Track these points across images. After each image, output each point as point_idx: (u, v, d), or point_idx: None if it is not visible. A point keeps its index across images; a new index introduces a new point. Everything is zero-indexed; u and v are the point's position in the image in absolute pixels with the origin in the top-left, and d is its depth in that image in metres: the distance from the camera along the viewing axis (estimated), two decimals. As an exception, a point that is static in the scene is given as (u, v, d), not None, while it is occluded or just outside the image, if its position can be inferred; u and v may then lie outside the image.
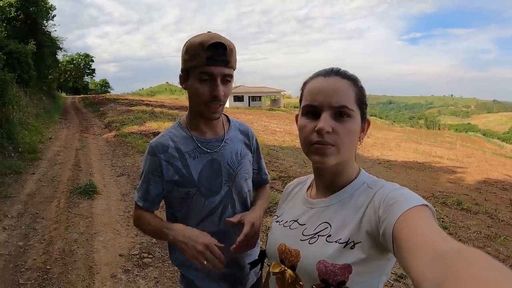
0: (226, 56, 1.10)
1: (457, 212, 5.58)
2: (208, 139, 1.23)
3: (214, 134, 1.25)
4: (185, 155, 1.20)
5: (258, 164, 1.41)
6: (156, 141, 1.22)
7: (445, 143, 17.88)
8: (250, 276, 1.33)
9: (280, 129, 16.47)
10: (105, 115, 16.37)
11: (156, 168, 1.19)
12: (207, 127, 1.24)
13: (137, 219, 1.28)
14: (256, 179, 1.40)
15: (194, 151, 1.21)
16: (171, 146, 1.20)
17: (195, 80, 1.12)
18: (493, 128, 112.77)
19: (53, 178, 6.21)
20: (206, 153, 1.21)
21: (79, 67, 59.32)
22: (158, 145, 1.20)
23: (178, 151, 1.20)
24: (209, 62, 1.08)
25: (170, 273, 3.22)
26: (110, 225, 4.24)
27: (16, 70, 14.83)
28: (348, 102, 0.78)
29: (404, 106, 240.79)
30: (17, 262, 3.32)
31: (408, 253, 0.55)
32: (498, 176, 9.15)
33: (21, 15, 23.18)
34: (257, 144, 1.40)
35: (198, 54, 1.09)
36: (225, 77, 1.13)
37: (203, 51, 1.08)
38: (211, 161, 1.21)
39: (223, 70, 1.11)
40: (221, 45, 1.08)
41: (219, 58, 1.09)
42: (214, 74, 1.10)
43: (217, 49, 1.08)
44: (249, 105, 42.02)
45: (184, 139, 1.22)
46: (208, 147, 1.22)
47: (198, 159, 1.20)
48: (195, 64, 1.10)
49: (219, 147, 1.23)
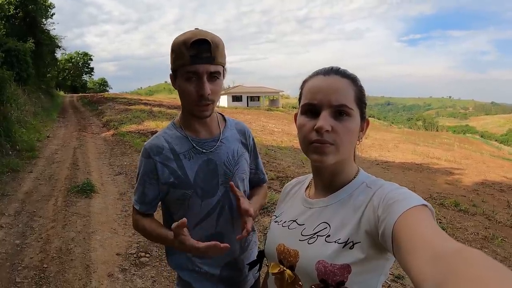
0: (211, 52, 1.06)
1: (454, 213, 5.59)
2: (203, 139, 1.21)
3: (209, 133, 1.22)
4: (180, 156, 1.17)
5: (256, 164, 1.38)
6: (150, 142, 1.19)
7: (443, 145, 17.92)
8: (249, 278, 1.31)
9: (278, 129, 16.47)
10: (103, 114, 16.33)
11: (152, 171, 1.16)
12: (201, 126, 1.21)
13: (136, 225, 1.25)
14: (253, 178, 1.38)
15: (189, 151, 1.18)
16: (165, 148, 1.17)
17: (182, 80, 1.10)
18: (491, 130, 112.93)
19: (50, 177, 6.19)
20: (202, 153, 1.18)
21: (78, 66, 59.18)
22: (152, 147, 1.17)
23: (173, 152, 1.17)
24: (193, 60, 1.05)
25: (167, 272, 3.22)
26: (107, 224, 4.23)
27: (14, 68, 14.80)
28: (347, 101, 0.78)
29: (402, 107, 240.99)
30: (14, 260, 3.31)
31: (408, 253, 0.55)
32: (496, 178, 9.18)
33: (20, 13, 23.10)
34: (254, 143, 1.37)
35: (182, 53, 1.06)
36: (212, 74, 1.08)
37: (186, 50, 1.05)
38: (207, 161, 1.18)
39: (208, 67, 1.07)
40: (204, 41, 1.04)
41: (203, 55, 1.05)
42: (199, 72, 1.06)
43: (200, 46, 1.04)
44: (248, 105, 42.02)
45: (179, 140, 1.19)
46: (204, 147, 1.19)
47: (194, 160, 1.17)
48: (180, 63, 1.08)
49: (214, 147, 1.20)
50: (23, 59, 16.72)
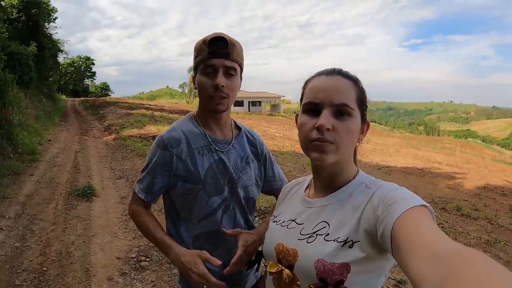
0: (227, 49, 1.14)
1: (456, 217, 5.56)
2: (217, 138, 1.25)
3: (222, 135, 1.26)
4: (194, 152, 1.20)
5: (273, 170, 1.42)
6: (168, 134, 1.21)
7: (445, 149, 17.89)
8: (249, 278, 1.31)
9: (279, 134, 16.47)
10: (105, 118, 16.38)
11: (167, 162, 1.18)
12: (216, 125, 1.25)
13: (134, 215, 1.25)
14: (273, 186, 1.42)
15: (204, 148, 1.21)
16: (183, 140, 1.20)
17: (200, 75, 1.18)
18: (493, 134, 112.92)
19: (51, 180, 6.20)
20: (215, 151, 1.22)
21: (80, 70, 59.36)
22: (170, 139, 1.19)
23: (189, 146, 1.20)
24: (210, 55, 1.14)
25: (168, 277, 3.20)
26: (107, 227, 4.22)
27: (16, 71, 14.82)
28: (349, 101, 0.79)
29: (404, 112, 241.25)
30: (13, 263, 3.30)
31: (408, 253, 0.55)
32: (498, 182, 9.14)
33: (22, 16, 23.22)
34: (268, 151, 1.42)
35: (202, 50, 1.16)
36: (228, 70, 1.15)
37: (206, 47, 1.15)
38: (218, 160, 1.21)
39: (224, 62, 1.14)
40: (221, 39, 1.14)
41: (220, 51, 1.14)
42: (216, 65, 1.14)
43: (217, 43, 1.14)
44: (249, 110, 42.11)
45: (195, 135, 1.22)
46: (218, 147, 1.23)
47: (206, 156, 1.20)
48: (199, 59, 1.17)
49: (226, 149, 1.24)
50: (26, 63, 16.79)
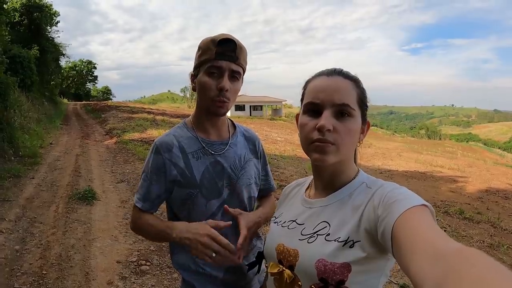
0: (236, 52, 1.13)
1: (459, 221, 5.54)
2: (213, 140, 1.23)
3: (219, 136, 1.25)
4: (189, 156, 1.18)
5: (265, 170, 1.40)
6: (160, 139, 1.21)
7: (446, 153, 17.87)
8: (254, 282, 1.30)
9: (281, 138, 16.49)
10: (106, 122, 16.42)
11: (160, 167, 1.17)
12: (213, 128, 1.23)
13: (136, 222, 1.23)
14: (264, 186, 1.39)
15: (198, 152, 1.19)
16: (175, 145, 1.19)
17: (204, 74, 1.15)
18: (494, 138, 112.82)
19: (52, 183, 6.20)
20: (210, 154, 1.20)
21: (82, 74, 59.71)
22: (162, 144, 1.19)
23: (182, 150, 1.18)
24: (218, 56, 1.11)
25: (168, 281, 3.18)
26: (108, 231, 4.21)
27: (18, 75, 14.86)
28: (350, 101, 0.79)
29: (405, 116, 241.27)
30: (13, 266, 3.28)
31: (408, 252, 0.54)
32: (500, 185, 9.12)
33: (25, 20, 23.37)
34: (263, 150, 1.40)
35: (209, 49, 1.13)
36: (233, 73, 1.14)
37: (214, 46, 1.12)
38: (214, 163, 1.20)
39: (231, 65, 1.13)
40: (231, 41, 1.12)
41: (228, 54, 1.12)
42: (223, 67, 1.12)
43: (226, 44, 1.12)
44: (250, 114, 42.14)
45: (189, 139, 1.21)
46: (213, 149, 1.21)
47: (201, 160, 1.19)
48: (205, 58, 1.14)
49: (223, 150, 1.22)
50: (28, 66, 16.87)
